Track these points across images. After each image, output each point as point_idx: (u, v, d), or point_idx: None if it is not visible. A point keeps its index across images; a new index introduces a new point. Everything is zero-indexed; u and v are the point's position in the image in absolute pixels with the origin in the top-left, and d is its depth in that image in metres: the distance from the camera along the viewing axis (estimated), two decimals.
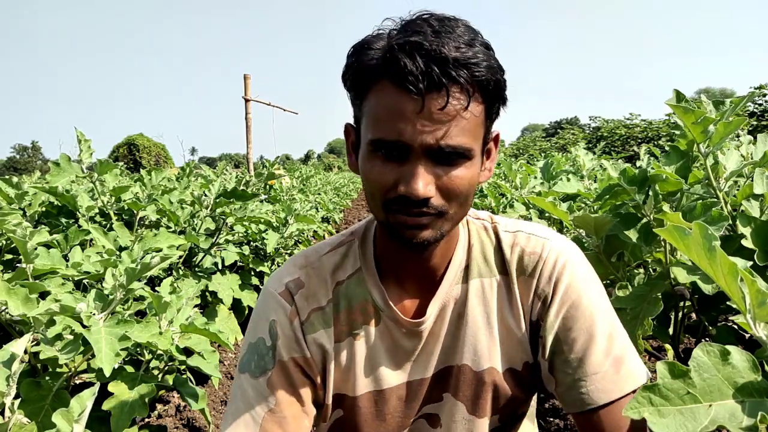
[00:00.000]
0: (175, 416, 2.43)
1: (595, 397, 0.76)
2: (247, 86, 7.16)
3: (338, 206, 10.41)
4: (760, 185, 1.36)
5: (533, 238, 0.86)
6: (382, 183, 0.72)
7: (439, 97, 0.66)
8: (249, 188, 4.25)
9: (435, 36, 0.66)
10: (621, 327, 0.82)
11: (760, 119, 12.91)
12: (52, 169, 2.28)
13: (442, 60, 0.65)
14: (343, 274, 0.88)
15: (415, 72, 0.65)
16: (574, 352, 0.79)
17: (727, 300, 1.40)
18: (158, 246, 1.96)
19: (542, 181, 3.01)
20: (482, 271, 0.86)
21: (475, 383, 0.85)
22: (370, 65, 0.70)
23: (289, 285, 0.86)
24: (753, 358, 0.58)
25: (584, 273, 0.84)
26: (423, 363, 0.86)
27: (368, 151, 0.72)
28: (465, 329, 0.84)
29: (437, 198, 0.71)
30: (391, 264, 0.86)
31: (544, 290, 0.82)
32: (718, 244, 0.58)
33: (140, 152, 27.03)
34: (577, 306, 0.80)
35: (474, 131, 0.70)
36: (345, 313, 0.86)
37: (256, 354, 0.84)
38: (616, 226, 1.52)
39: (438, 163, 0.70)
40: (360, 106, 0.74)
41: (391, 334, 0.85)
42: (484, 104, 0.71)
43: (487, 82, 0.68)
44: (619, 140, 15.59)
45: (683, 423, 0.56)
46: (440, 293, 0.85)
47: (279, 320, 0.84)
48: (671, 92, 1.35)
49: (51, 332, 1.30)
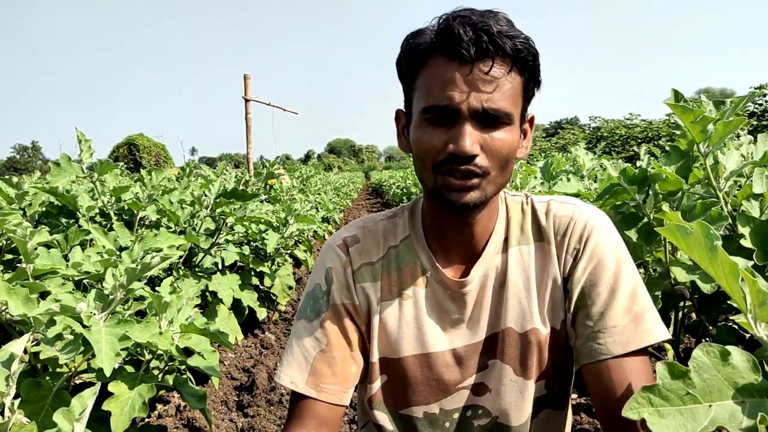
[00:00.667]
0: (175, 416, 2.43)
1: (612, 348, 0.81)
2: (247, 86, 7.16)
3: (338, 206, 10.40)
4: (759, 185, 1.36)
5: (564, 205, 0.93)
6: (433, 145, 0.79)
7: (485, 63, 0.76)
8: (249, 188, 4.25)
9: (481, 15, 0.77)
10: (644, 288, 0.86)
11: (761, 119, 12.91)
12: (53, 169, 2.28)
13: (488, 31, 0.75)
14: (395, 240, 0.96)
15: (466, 38, 0.74)
16: (596, 305, 0.84)
17: (727, 300, 1.40)
18: (158, 246, 1.96)
19: (542, 181, 3.00)
20: (520, 240, 0.93)
21: (521, 344, 0.89)
22: (424, 43, 0.79)
23: (347, 239, 0.96)
24: (753, 359, 0.58)
25: (612, 234, 0.90)
26: (471, 330, 0.91)
27: (420, 119, 0.81)
28: (507, 295, 0.90)
29: (482, 158, 0.78)
30: (437, 234, 0.93)
31: (576, 247, 0.88)
32: (719, 244, 0.58)
33: (140, 152, 27.04)
34: (603, 263, 0.86)
35: (514, 99, 0.79)
36: (395, 274, 0.94)
37: (312, 299, 0.93)
38: (616, 225, 1.52)
39: (482, 125, 0.78)
40: (412, 85, 0.83)
41: (437, 297, 0.91)
42: (522, 77, 0.79)
43: (526, 53, 0.77)
44: (619, 140, 15.59)
45: (683, 423, 0.56)
46: (483, 261, 0.91)
47: (335, 267, 0.94)
48: (671, 92, 1.35)
49: (51, 332, 1.30)
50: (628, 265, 0.87)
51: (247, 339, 3.54)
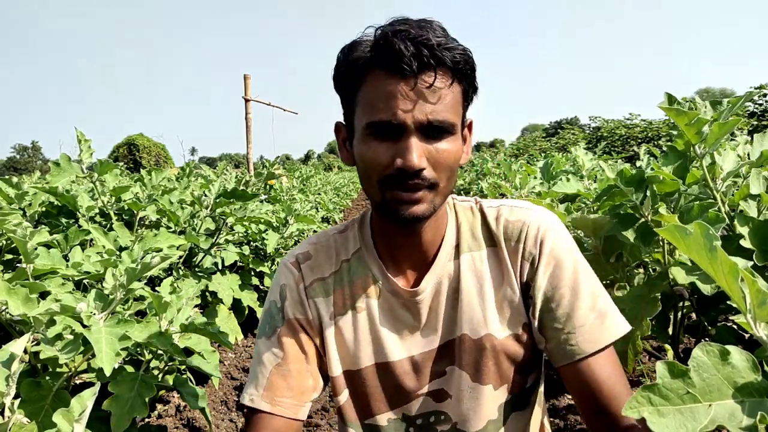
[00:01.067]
0: (175, 416, 2.43)
1: (584, 347, 0.83)
2: (247, 86, 7.16)
3: (338, 206, 10.41)
4: (756, 185, 1.36)
5: (516, 209, 0.93)
6: (380, 161, 0.79)
7: (428, 76, 0.76)
8: (249, 188, 4.25)
9: (419, 28, 0.76)
10: (602, 288, 0.89)
11: (761, 119, 12.91)
12: (53, 169, 2.28)
13: (429, 44, 0.75)
14: (347, 254, 0.97)
15: (407, 54, 0.74)
16: (561, 307, 0.86)
17: (726, 300, 1.40)
18: (158, 246, 1.96)
19: (542, 181, 3.01)
20: (471, 246, 0.93)
21: (475, 351, 0.90)
22: (362, 57, 0.79)
23: (299, 256, 0.98)
24: (753, 358, 0.58)
25: (566, 236, 0.92)
26: (426, 338, 0.92)
27: (364, 135, 0.81)
28: (461, 301, 0.91)
29: (429, 170, 0.79)
30: (387, 245, 0.94)
31: (531, 252, 0.89)
32: (719, 244, 0.58)
33: (140, 152, 27.03)
34: (562, 265, 0.88)
35: (456, 109, 0.80)
36: (348, 288, 0.95)
37: (268, 316, 0.95)
38: (614, 226, 1.52)
39: (428, 137, 0.79)
40: (353, 98, 0.83)
41: (391, 306, 0.92)
42: (461, 86, 0.81)
43: (464, 64, 0.79)
44: (619, 140, 15.59)
45: (683, 423, 0.56)
46: (434, 269, 0.92)
47: (288, 284, 0.95)
48: (664, 96, 1.35)
49: (51, 332, 1.30)
50: (584, 265, 0.89)
51: (247, 339, 3.54)
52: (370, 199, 0.86)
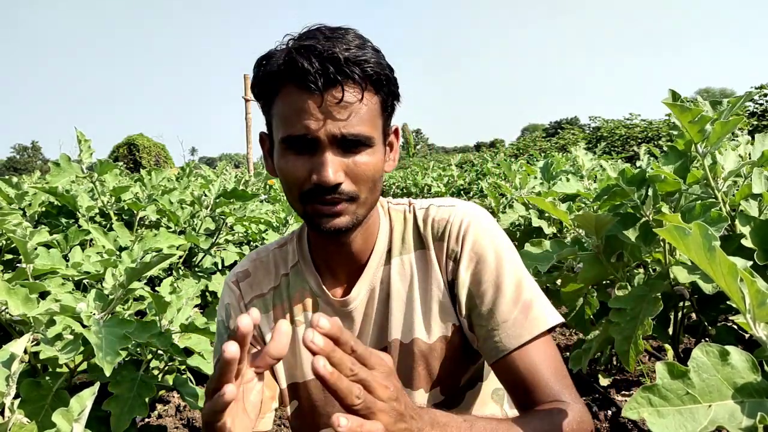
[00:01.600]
0: (175, 416, 2.43)
1: (507, 343, 0.83)
2: (247, 86, 7.16)
3: None
4: (758, 185, 1.36)
5: (442, 208, 0.93)
6: (297, 176, 0.79)
7: (336, 91, 0.75)
8: (249, 188, 4.25)
9: (326, 40, 0.76)
10: (530, 277, 0.89)
11: (761, 119, 12.90)
12: (52, 169, 2.28)
13: (335, 59, 0.74)
14: (285, 268, 0.98)
15: (312, 71, 0.74)
16: (485, 304, 0.85)
17: (726, 300, 1.40)
18: (158, 246, 1.96)
19: (542, 181, 3.00)
20: (400, 249, 0.93)
21: (405, 355, 0.90)
22: (274, 72, 0.78)
23: (239, 275, 1.00)
24: (753, 359, 0.58)
25: (489, 228, 0.90)
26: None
27: (281, 149, 0.81)
28: (391, 306, 0.91)
29: (347, 184, 0.79)
30: (320, 255, 0.95)
31: (454, 249, 0.89)
32: (718, 244, 0.58)
33: (140, 152, 27.04)
34: (484, 260, 0.87)
35: (372, 121, 0.79)
36: (286, 302, 0.96)
37: (218, 336, 0.99)
38: (615, 226, 1.52)
39: (344, 151, 0.78)
40: (269, 111, 0.83)
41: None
42: (378, 96, 0.80)
43: (377, 76, 0.78)
44: (619, 140, 15.58)
45: (682, 423, 0.56)
46: (365, 276, 0.92)
47: (231, 303, 0.98)
48: (668, 92, 1.34)
49: (51, 332, 1.30)
50: (509, 257, 0.88)
51: None
52: (294, 210, 0.87)
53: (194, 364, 1.56)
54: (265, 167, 0.96)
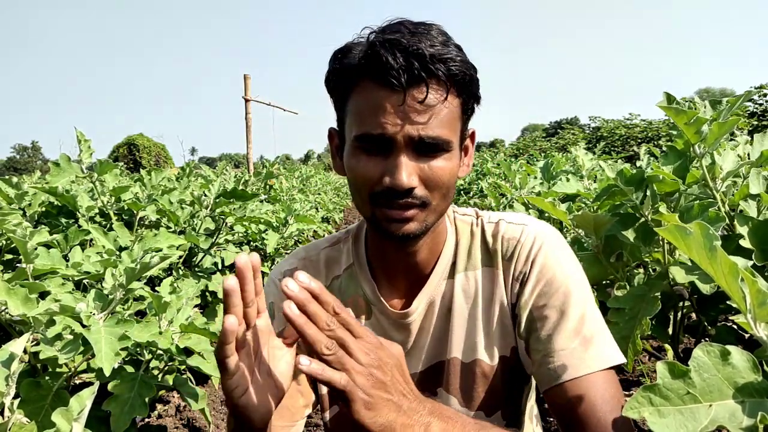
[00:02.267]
0: (175, 416, 2.43)
1: (561, 372, 0.78)
2: (247, 86, 7.17)
3: (338, 206, 10.41)
4: (756, 185, 1.36)
5: (512, 226, 0.89)
6: (368, 177, 0.75)
7: (419, 90, 0.71)
8: (249, 188, 4.25)
9: (412, 35, 0.71)
10: (596, 311, 0.83)
11: (761, 119, 12.91)
12: (52, 169, 2.27)
13: (420, 56, 0.69)
14: (338, 269, 0.93)
15: (396, 67, 0.69)
16: (545, 329, 0.81)
17: (726, 300, 1.40)
18: (158, 246, 1.95)
19: (542, 181, 3.01)
20: (467, 265, 0.89)
21: (466, 375, 0.87)
22: (352, 65, 0.74)
23: (287, 273, 0.93)
24: (753, 358, 0.58)
25: (561, 253, 0.86)
26: (414, 358, 0.89)
27: (353, 147, 0.76)
28: (452, 323, 0.87)
29: (420, 189, 0.75)
30: (380, 261, 0.90)
31: (522, 271, 0.85)
32: (719, 244, 0.58)
33: (140, 152, 27.03)
34: (551, 283, 0.82)
35: (452, 124, 0.75)
36: None
37: None
38: (614, 226, 1.52)
39: (420, 154, 0.74)
40: (343, 107, 0.78)
41: (382, 327, 0.89)
42: (459, 99, 0.75)
43: (462, 77, 0.73)
44: (619, 140, 15.59)
45: (683, 423, 0.56)
46: (427, 288, 0.88)
47: (276, 302, 0.91)
48: (663, 95, 1.34)
49: (51, 332, 1.30)
50: (578, 286, 0.83)
51: None
52: (361, 213, 0.83)
53: (194, 364, 1.56)
54: (332, 165, 0.89)
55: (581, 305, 0.82)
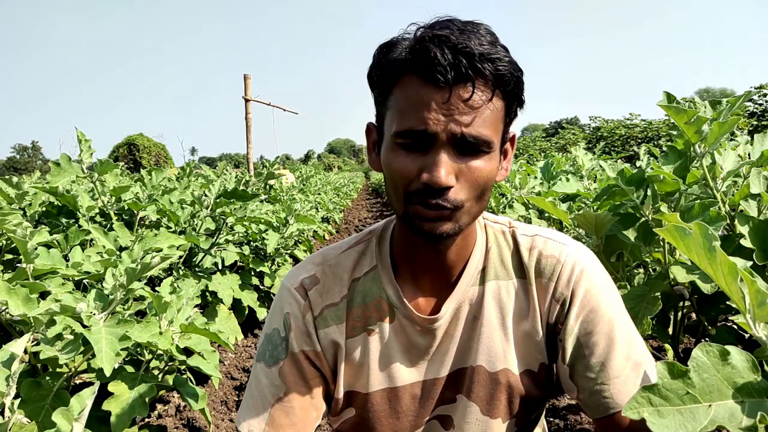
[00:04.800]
0: (175, 416, 2.43)
1: (619, 401, 0.78)
2: (247, 86, 7.16)
3: (338, 206, 10.41)
4: (756, 185, 1.36)
5: (551, 243, 0.87)
6: (405, 173, 0.74)
7: (465, 88, 0.70)
8: (249, 188, 4.25)
9: (461, 33, 0.70)
10: (638, 333, 0.84)
11: (761, 119, 12.91)
12: (53, 169, 2.28)
13: (468, 53, 0.69)
14: (360, 271, 0.90)
15: (444, 62, 0.68)
16: (595, 356, 0.80)
17: (726, 300, 1.40)
18: (158, 246, 1.96)
19: (542, 181, 3.01)
20: (499, 273, 0.87)
21: (490, 384, 0.86)
22: (398, 59, 0.73)
23: (305, 281, 0.89)
24: (753, 358, 0.58)
25: (603, 279, 0.85)
26: (438, 362, 0.87)
27: (393, 143, 0.75)
28: (480, 330, 0.85)
29: (456, 189, 0.73)
30: (407, 261, 0.88)
31: (563, 293, 0.83)
32: (718, 244, 0.58)
33: (140, 152, 27.04)
34: (597, 310, 0.81)
35: (495, 125, 0.73)
36: (359, 309, 0.88)
37: (270, 344, 0.88)
38: (614, 226, 1.52)
39: (460, 153, 0.73)
40: (385, 101, 0.77)
41: (405, 331, 0.87)
42: (504, 101, 0.74)
43: (509, 78, 0.72)
44: (619, 140, 15.59)
45: (683, 423, 0.56)
46: (456, 293, 0.86)
47: (293, 313, 0.88)
48: (663, 94, 1.34)
49: (51, 332, 1.30)
50: (621, 312, 0.83)
51: (247, 339, 3.54)
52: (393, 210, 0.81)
53: (194, 364, 1.56)
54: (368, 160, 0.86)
55: (627, 330, 0.82)
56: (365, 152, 0.89)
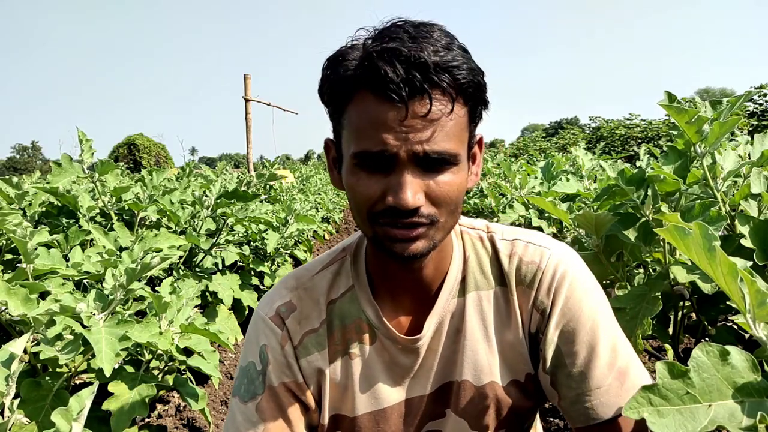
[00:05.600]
0: (175, 416, 2.43)
1: (600, 412, 0.76)
2: (247, 86, 7.16)
3: (338, 206, 10.41)
4: (757, 185, 1.36)
5: (531, 247, 0.83)
6: (368, 196, 0.69)
7: (422, 103, 0.65)
8: (250, 189, 4.26)
9: (412, 41, 0.65)
10: (624, 337, 0.81)
11: (761, 119, 12.90)
12: (54, 169, 2.28)
13: (422, 65, 0.64)
14: (336, 293, 0.86)
15: (396, 79, 0.63)
16: (576, 366, 0.78)
17: (726, 300, 1.40)
18: (159, 246, 1.96)
19: (542, 181, 3.01)
20: (479, 283, 0.84)
21: (477, 398, 0.84)
22: (348, 76, 0.68)
23: (280, 309, 0.85)
24: (752, 358, 0.58)
25: (584, 283, 0.82)
26: (422, 379, 0.85)
27: (352, 164, 0.70)
28: (464, 344, 0.83)
29: (427, 206, 0.69)
30: (384, 280, 0.84)
31: (543, 302, 0.80)
32: (718, 244, 0.58)
33: (140, 152, 27.04)
34: (578, 319, 0.79)
35: (459, 135, 0.69)
36: (339, 332, 0.84)
37: (245, 378, 0.84)
38: (614, 226, 1.52)
39: (425, 170, 0.68)
40: (339, 119, 0.72)
41: (388, 351, 0.84)
42: (467, 107, 0.70)
43: (468, 84, 0.67)
44: (619, 140, 15.59)
45: (683, 423, 0.56)
46: (437, 308, 0.83)
47: (270, 345, 0.83)
48: (664, 94, 1.34)
49: (51, 332, 1.30)
50: (605, 317, 0.80)
51: None
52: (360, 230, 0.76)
53: (194, 364, 1.56)
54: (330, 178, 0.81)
55: (610, 337, 0.79)
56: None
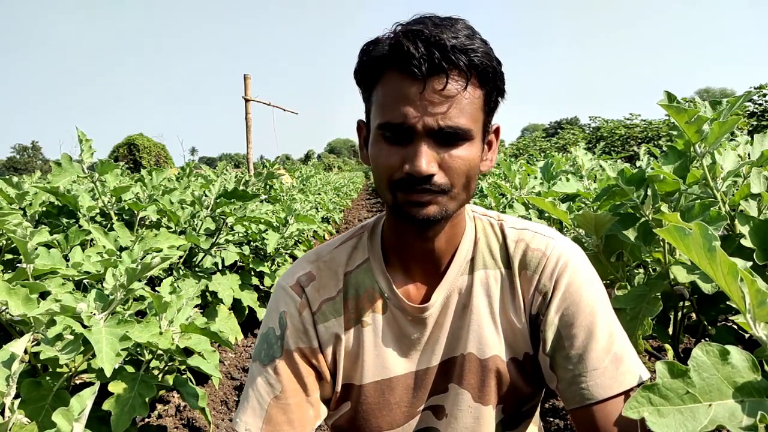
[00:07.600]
0: (175, 416, 2.43)
1: (594, 392, 0.79)
2: (247, 86, 7.16)
3: (338, 206, 10.41)
4: (757, 185, 1.36)
5: (538, 236, 0.89)
6: (389, 165, 0.77)
7: (440, 79, 0.72)
8: (249, 188, 4.26)
9: (435, 27, 0.73)
10: (621, 329, 0.85)
11: (761, 119, 12.90)
12: (54, 168, 2.28)
13: (441, 45, 0.71)
14: (352, 264, 0.92)
15: (417, 55, 0.71)
16: (574, 348, 0.82)
17: (726, 300, 1.40)
18: (158, 246, 1.96)
19: (542, 181, 3.01)
20: (487, 263, 0.90)
21: (480, 371, 0.88)
22: (378, 56, 0.76)
23: (301, 279, 0.92)
24: (752, 358, 0.58)
25: (586, 273, 0.87)
26: (429, 352, 0.89)
27: (376, 136, 0.78)
28: (470, 319, 0.88)
29: (440, 176, 0.76)
30: (397, 252, 0.90)
31: (545, 285, 0.86)
32: (718, 244, 0.58)
33: (140, 152, 27.03)
34: (578, 303, 0.83)
35: (473, 114, 0.76)
36: (353, 301, 0.90)
37: (265, 343, 0.90)
38: (614, 226, 1.52)
39: (440, 143, 0.75)
40: (370, 97, 0.81)
41: (398, 322, 0.89)
42: (482, 90, 0.76)
43: (484, 67, 0.74)
44: (619, 140, 15.59)
45: (683, 422, 0.56)
46: (445, 282, 0.88)
47: (288, 311, 0.90)
48: (663, 94, 1.34)
49: (51, 332, 1.30)
50: (603, 305, 0.85)
51: (247, 339, 3.54)
52: (383, 200, 0.83)
53: (194, 364, 1.56)
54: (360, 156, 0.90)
55: (608, 324, 0.83)
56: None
